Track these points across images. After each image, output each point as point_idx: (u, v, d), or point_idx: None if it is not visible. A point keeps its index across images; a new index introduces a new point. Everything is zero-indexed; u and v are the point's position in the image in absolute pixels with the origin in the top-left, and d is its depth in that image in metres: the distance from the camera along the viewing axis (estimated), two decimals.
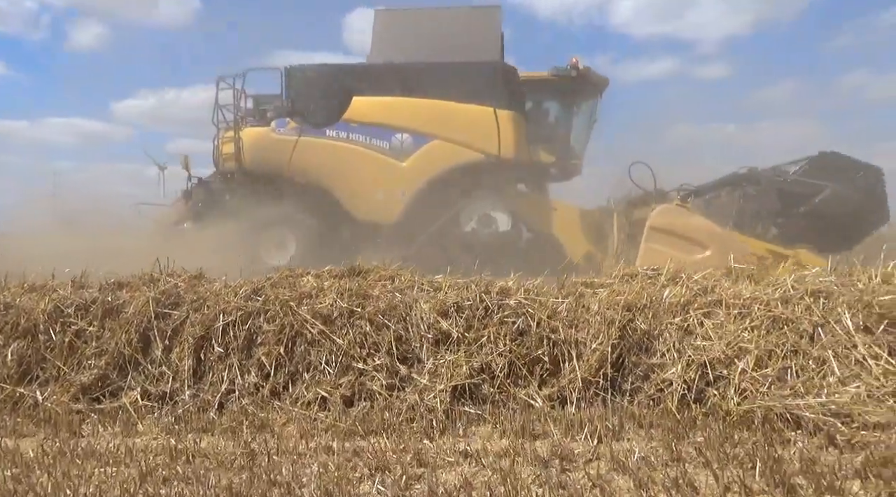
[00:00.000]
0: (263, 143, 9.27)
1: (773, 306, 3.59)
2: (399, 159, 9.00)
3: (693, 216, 7.29)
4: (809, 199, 6.93)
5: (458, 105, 8.95)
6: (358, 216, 9.27)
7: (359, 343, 3.70)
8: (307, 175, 9.27)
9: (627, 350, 3.62)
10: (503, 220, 8.97)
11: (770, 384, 3.27)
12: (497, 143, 8.77)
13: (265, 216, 9.11)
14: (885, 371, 3.23)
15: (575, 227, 8.99)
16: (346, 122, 9.06)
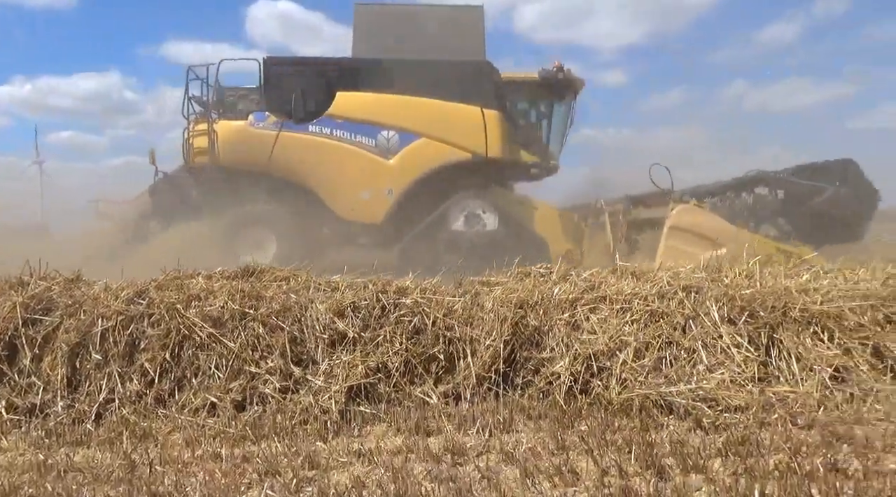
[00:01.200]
0: (240, 137, 8.75)
1: (650, 301, 3.85)
2: (385, 157, 8.75)
3: (710, 215, 7.60)
4: (812, 199, 7.50)
5: (445, 103, 8.82)
6: (342, 215, 8.93)
7: (251, 346, 3.60)
8: (288, 172, 8.81)
9: (519, 346, 3.76)
10: (490, 219, 8.90)
11: (647, 374, 3.51)
12: (484, 143, 8.74)
13: (243, 214, 8.63)
14: (745, 358, 3.55)
15: (556, 226, 9.17)
16: (330, 118, 8.72)
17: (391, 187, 8.76)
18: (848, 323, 3.74)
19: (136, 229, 9.24)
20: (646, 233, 8.46)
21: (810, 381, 3.50)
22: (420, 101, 8.80)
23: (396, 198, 8.80)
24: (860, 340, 3.67)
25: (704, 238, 7.01)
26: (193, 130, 8.81)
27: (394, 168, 8.77)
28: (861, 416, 3.21)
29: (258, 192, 8.79)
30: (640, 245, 8.42)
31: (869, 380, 3.52)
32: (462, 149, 8.80)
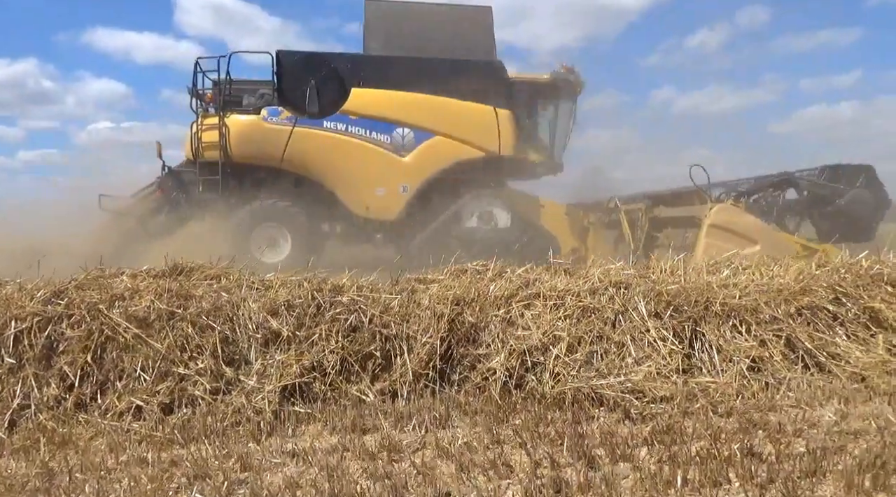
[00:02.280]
0: (253, 132, 8.47)
1: (582, 297, 3.96)
2: (400, 154, 8.67)
3: (745, 214, 7.82)
4: (834, 199, 7.88)
5: (459, 102, 8.81)
6: (357, 212, 8.79)
7: (179, 346, 3.48)
8: (302, 168, 8.63)
9: (456, 342, 3.79)
10: (502, 216, 8.96)
11: (579, 367, 3.61)
12: (497, 141, 8.80)
13: (256, 211, 8.35)
14: (670, 351, 3.71)
15: (563, 224, 9.34)
16: (346, 114, 8.56)
17: (406, 184, 8.73)
18: (763, 316, 3.97)
19: (146, 226, 8.80)
20: (665, 231, 8.82)
21: (730, 372, 3.69)
22: (435, 99, 8.79)
23: (411, 195, 8.78)
24: (774, 332, 3.90)
25: (740, 236, 7.29)
26: (202, 125, 8.48)
27: (409, 165, 8.75)
28: (775, 404, 3.42)
29: (271, 188, 8.59)
30: (660, 242, 8.71)
31: (782, 369, 3.75)
32: (475, 147, 8.87)
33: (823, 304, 4.05)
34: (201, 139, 8.47)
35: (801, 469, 2.46)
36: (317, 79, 8.56)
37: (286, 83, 8.62)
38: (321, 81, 8.57)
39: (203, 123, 8.52)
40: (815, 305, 4.05)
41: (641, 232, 8.79)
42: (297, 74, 8.62)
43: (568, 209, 9.68)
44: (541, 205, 9.45)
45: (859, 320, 4.05)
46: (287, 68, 8.63)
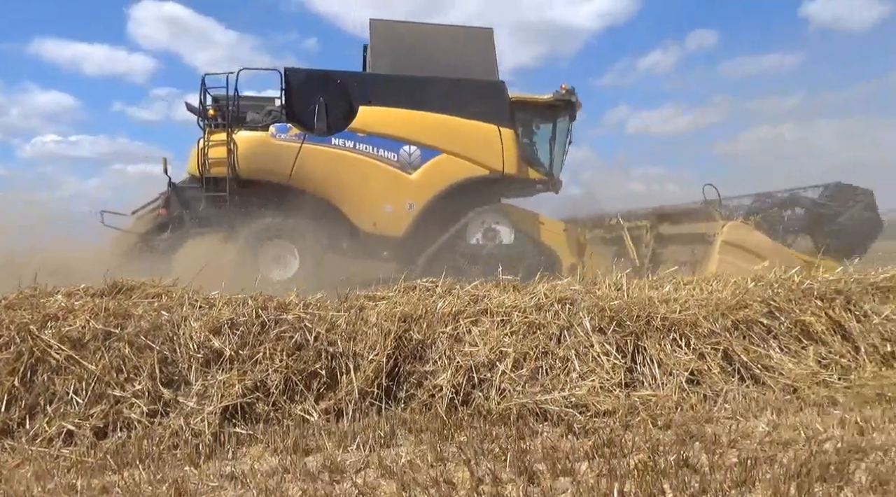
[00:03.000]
0: (262, 148, 8.45)
1: (529, 313, 4.02)
2: (407, 172, 8.81)
3: (755, 232, 8.15)
4: (835, 218, 8.32)
5: (465, 121, 8.99)
6: (364, 228, 8.82)
7: (116, 368, 3.36)
8: (310, 184, 8.61)
9: (403, 359, 3.78)
10: (506, 233, 9.17)
11: (525, 383, 3.65)
12: (501, 160, 9.02)
13: (264, 227, 8.31)
14: (613, 365, 3.79)
15: (562, 240, 9.53)
16: (353, 131, 8.65)
17: (413, 201, 8.85)
18: (702, 330, 4.10)
19: (149, 243, 8.63)
20: (670, 247, 9.17)
21: (670, 385, 3.79)
22: (441, 117, 8.96)
23: (417, 211, 8.87)
24: (712, 346, 4.03)
25: (751, 252, 7.61)
26: (210, 140, 8.40)
27: (415, 182, 8.86)
28: (712, 416, 3.52)
29: (279, 204, 8.52)
30: (665, 258, 9.03)
31: (720, 382, 3.88)
32: (480, 165, 9.05)
33: (758, 318, 4.22)
34: (208, 155, 8.41)
35: (732, 479, 2.54)
36: (325, 96, 8.66)
37: (295, 100, 8.68)
38: (329, 99, 8.67)
39: (210, 139, 8.45)
40: (750, 319, 4.21)
41: (647, 248, 9.11)
42: (306, 92, 8.68)
43: (566, 226, 9.92)
44: (541, 222, 9.65)
45: (791, 333, 4.22)
46: (295, 86, 8.72)
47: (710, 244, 7.97)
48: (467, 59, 9.38)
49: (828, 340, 4.22)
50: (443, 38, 9.66)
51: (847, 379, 4.00)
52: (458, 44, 9.60)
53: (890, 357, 4.22)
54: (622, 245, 9.66)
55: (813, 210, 8.53)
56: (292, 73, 8.73)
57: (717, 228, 7.98)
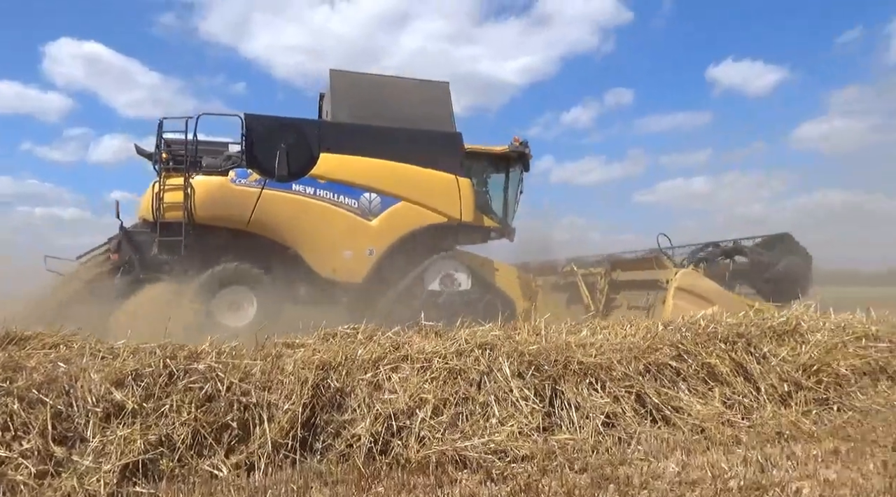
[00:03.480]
0: (221, 193, 8.33)
1: (449, 359, 4.03)
2: (367, 218, 8.94)
3: (704, 279, 8.63)
4: (773, 266, 8.94)
5: (424, 170, 9.22)
6: (324, 274, 8.79)
7: (2, 425, 3.09)
8: (269, 230, 8.58)
9: (320, 409, 3.68)
10: (463, 279, 9.37)
11: (444, 430, 3.63)
12: (459, 208, 9.31)
13: (221, 273, 8.14)
14: (532, 410, 3.83)
15: (515, 286, 9.88)
16: (314, 178, 8.70)
17: (373, 247, 8.98)
18: (616, 373, 4.23)
19: (97, 290, 8.19)
20: (622, 293, 9.54)
21: (586, 428, 3.87)
22: (401, 166, 9.15)
23: (377, 258, 8.97)
24: (626, 389, 4.16)
25: (701, 298, 8.08)
26: (166, 185, 8.23)
27: (376, 229, 8.99)
28: (626, 457, 3.61)
29: (236, 250, 8.40)
30: (618, 303, 9.45)
31: (633, 424, 3.99)
32: (439, 213, 9.28)
33: (668, 361, 4.40)
34: (163, 199, 8.21)
35: None
36: (286, 143, 8.68)
37: (256, 146, 8.65)
38: (290, 146, 8.71)
39: (167, 183, 8.27)
40: (660, 362, 4.39)
41: (601, 294, 9.49)
42: (267, 138, 8.71)
43: (519, 272, 10.26)
44: (495, 268, 9.93)
45: (699, 375, 4.42)
46: (256, 132, 8.71)
47: (664, 290, 8.44)
48: (425, 110, 9.69)
49: (732, 381, 4.44)
50: (401, 89, 9.92)
51: (749, 418, 4.21)
52: (416, 96, 9.89)
53: (787, 396, 4.47)
54: (574, 291, 10.06)
55: (753, 258, 9.20)
56: (253, 120, 8.76)
57: (671, 275, 8.47)
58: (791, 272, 8.95)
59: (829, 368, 4.68)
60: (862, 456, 3.58)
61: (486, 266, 9.85)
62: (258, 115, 8.84)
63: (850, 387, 4.69)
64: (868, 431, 4.07)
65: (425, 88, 10.03)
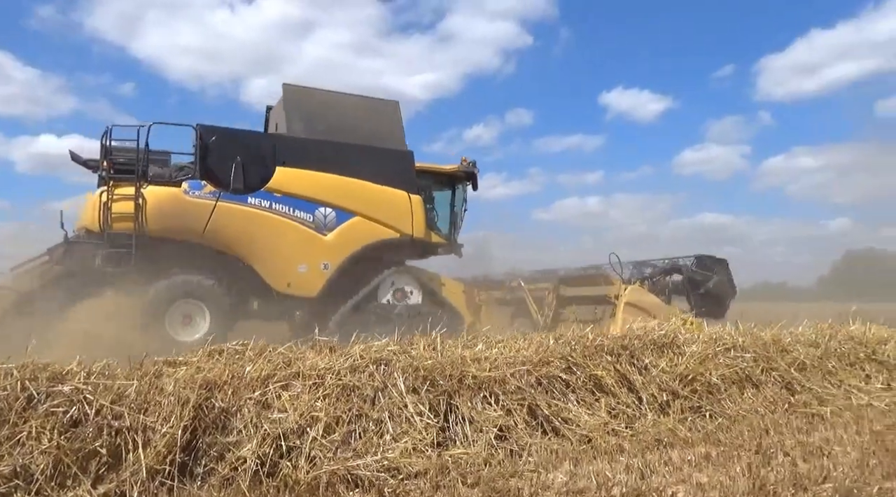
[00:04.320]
0: (173, 204, 8.11)
1: (343, 375, 3.93)
2: (322, 233, 8.97)
3: (648, 294, 9.44)
4: (704, 283, 9.90)
5: (377, 186, 9.37)
6: (278, 288, 8.74)
7: None
8: (223, 243, 8.45)
9: (203, 431, 3.46)
10: (415, 293, 9.65)
11: (336, 449, 3.52)
12: (411, 224, 9.49)
13: (173, 286, 8.00)
14: (426, 425, 3.81)
15: (461, 300, 10.17)
16: (270, 192, 8.65)
17: (327, 261, 9.03)
18: (510, 386, 4.31)
19: (34, 302, 7.75)
20: (569, 307, 10.19)
21: (480, 442, 3.90)
22: (356, 182, 9.26)
23: (332, 272, 9.01)
24: (518, 401, 4.25)
25: (646, 312, 8.78)
26: (114, 195, 7.94)
27: (330, 243, 9.04)
28: (517, 470, 3.67)
29: (188, 262, 8.19)
30: (564, 317, 10.04)
31: (525, 436, 4.08)
32: (391, 228, 9.45)
33: (558, 374, 4.54)
34: (111, 210, 7.92)
35: None
36: (242, 155, 8.58)
37: (210, 158, 8.48)
38: (246, 158, 8.60)
39: (115, 193, 7.96)
40: (551, 375, 4.52)
41: (549, 309, 10.11)
42: (222, 150, 8.54)
43: (465, 287, 10.60)
44: (442, 283, 10.18)
45: (586, 387, 4.60)
46: (211, 143, 8.53)
47: (612, 304, 9.21)
48: (376, 127, 9.88)
49: (617, 392, 4.65)
50: (353, 106, 10.04)
51: (632, 427, 4.43)
52: (367, 113, 10.07)
53: (666, 405, 4.75)
54: (520, 305, 10.60)
55: (687, 276, 10.13)
56: (207, 131, 8.59)
57: (620, 291, 9.19)
58: (719, 290, 10.04)
59: (703, 378, 5.03)
60: (730, 459, 3.86)
61: (434, 280, 10.08)
62: (212, 127, 8.69)
63: (720, 395, 5.07)
64: (736, 436, 4.40)
65: (376, 106, 10.26)
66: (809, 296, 38.99)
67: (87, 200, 8.40)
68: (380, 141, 9.72)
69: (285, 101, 9.64)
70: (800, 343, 6.13)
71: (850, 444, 4.20)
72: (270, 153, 8.86)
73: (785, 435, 4.46)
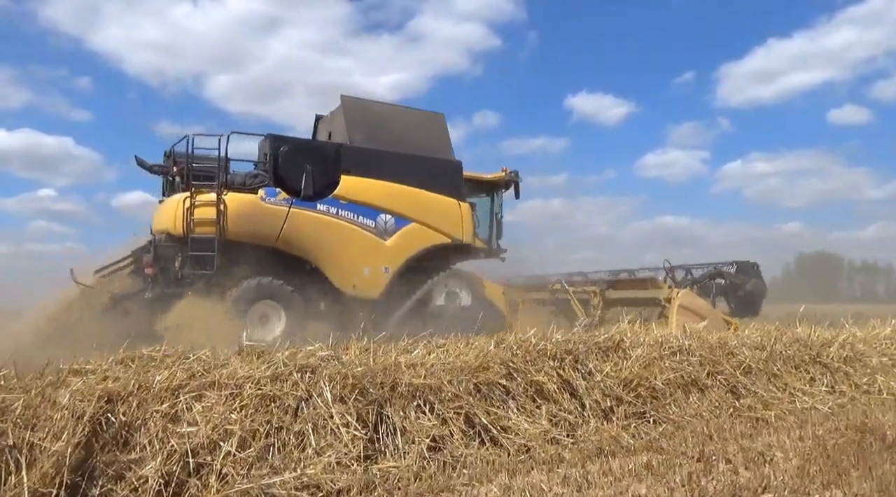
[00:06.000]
0: (251, 210, 8.66)
1: (263, 384, 3.64)
2: (383, 238, 9.56)
3: (698, 297, 10.23)
4: (743, 286, 10.94)
5: (431, 194, 9.98)
6: (345, 290, 9.33)
7: None
8: (295, 247, 9.03)
9: (100, 448, 3.13)
10: (464, 295, 10.19)
11: (251, 465, 3.24)
12: (461, 230, 10.13)
13: (254, 288, 8.49)
14: (353, 437, 3.56)
15: (501, 301, 10.71)
16: (336, 199, 9.22)
17: (388, 265, 9.61)
18: (446, 394, 4.09)
19: (123, 303, 8.38)
20: (613, 309, 10.82)
21: (411, 454, 3.67)
22: (413, 190, 9.86)
23: (392, 275, 9.59)
24: (455, 410, 4.03)
25: (696, 314, 9.46)
26: (197, 201, 8.49)
27: (390, 248, 9.63)
28: (449, 483, 3.45)
29: (264, 266, 8.68)
30: (609, 317, 10.56)
31: (460, 446, 3.86)
32: (444, 234, 10.05)
33: (498, 380, 4.34)
34: (194, 215, 8.43)
35: None
36: (312, 164, 9.12)
37: (282, 166, 9.01)
38: (315, 167, 9.13)
39: (198, 200, 8.51)
40: (490, 381, 4.32)
41: (595, 309, 10.90)
42: (293, 159, 9.07)
43: (504, 288, 11.15)
44: (484, 285, 10.68)
45: (527, 393, 4.41)
46: (283, 153, 9.06)
47: (663, 307, 9.95)
48: (426, 138, 10.55)
49: (559, 399, 4.48)
50: (404, 117, 10.76)
51: (574, 435, 4.26)
52: (418, 124, 10.75)
53: (609, 411, 4.60)
54: (561, 306, 11.40)
55: (729, 280, 11.11)
56: (280, 141, 9.21)
57: (672, 294, 9.90)
58: (756, 292, 11.17)
59: (647, 382, 4.90)
60: (671, 468, 3.71)
61: (478, 282, 10.68)
62: (283, 137, 9.40)
63: (665, 400, 4.95)
64: (679, 443, 4.27)
65: (424, 118, 10.94)
66: None
67: (164, 205, 8.94)
68: (430, 151, 10.35)
69: (346, 112, 10.11)
70: (746, 346, 6.07)
71: (793, 449, 4.11)
72: (336, 162, 9.41)
73: (728, 441, 4.36)
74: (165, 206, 8.89)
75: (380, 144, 9.91)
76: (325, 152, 9.53)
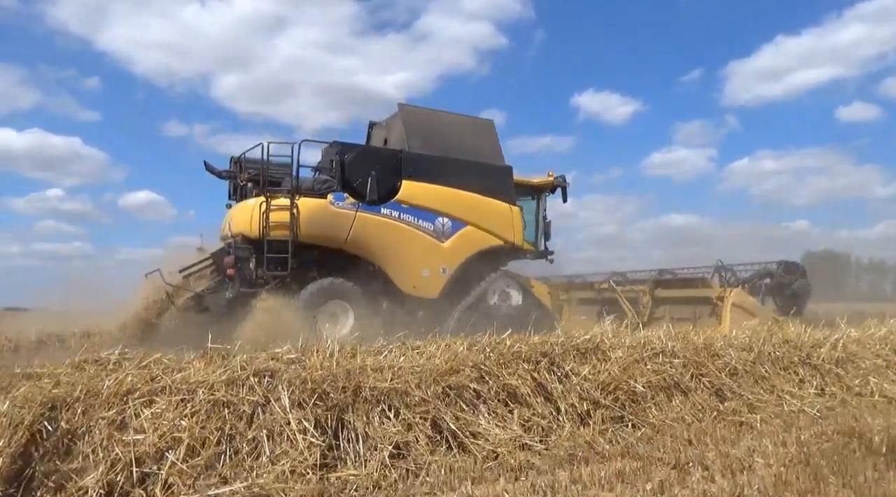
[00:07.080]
0: (321, 214, 9.12)
1: (217, 389, 3.50)
2: (441, 240, 9.95)
3: (749, 296, 10.62)
4: (790, 286, 11.29)
5: (485, 199, 10.37)
6: (405, 290, 9.70)
7: None
8: (361, 248, 9.46)
9: (40, 457, 3.00)
10: (516, 295, 10.48)
11: (199, 474, 3.10)
12: (513, 233, 10.53)
13: (325, 288, 8.93)
14: (309, 444, 3.42)
15: (548, 300, 11.15)
16: (398, 203, 9.61)
17: (446, 266, 10.00)
18: (413, 398, 3.94)
19: (205, 302, 8.97)
20: (662, 307, 11.25)
21: (372, 462, 3.52)
22: (468, 194, 10.24)
23: (449, 276, 9.97)
24: (421, 415, 3.88)
25: (748, 311, 10.04)
26: (272, 205, 8.94)
27: (448, 250, 10.03)
28: (410, 492, 3.32)
29: (332, 266, 9.21)
30: (658, 315, 11.06)
31: (425, 453, 3.71)
32: (497, 237, 10.42)
33: (468, 383, 4.19)
34: (269, 219, 8.86)
35: None
36: (376, 170, 9.52)
37: (348, 172, 9.47)
38: (379, 172, 9.53)
39: (272, 204, 8.94)
40: (460, 384, 4.17)
41: (645, 308, 11.28)
42: (358, 165, 9.54)
43: (550, 288, 11.62)
44: (532, 285, 11.02)
45: (499, 397, 4.26)
46: (349, 159, 9.55)
47: (715, 305, 10.31)
48: (478, 144, 10.94)
49: (532, 402, 4.32)
50: (457, 124, 11.14)
51: (546, 441, 4.10)
52: (470, 130, 11.15)
53: (586, 415, 4.45)
54: (608, 304, 11.70)
55: (777, 280, 11.44)
56: (346, 148, 9.70)
57: (725, 293, 10.32)
58: (802, 291, 11.57)
59: (627, 385, 4.74)
60: (644, 476, 3.56)
61: (527, 283, 10.99)
62: (349, 144, 9.94)
63: (645, 403, 4.78)
64: (656, 448, 4.11)
65: (475, 124, 11.41)
66: None
67: (238, 209, 9.29)
68: (483, 157, 10.73)
69: (404, 119, 10.47)
70: (732, 347, 5.89)
71: (774, 455, 3.95)
72: (397, 168, 9.79)
73: (708, 446, 4.20)
74: (240, 210, 9.26)
75: (436, 151, 10.31)
76: (387, 158, 9.96)
